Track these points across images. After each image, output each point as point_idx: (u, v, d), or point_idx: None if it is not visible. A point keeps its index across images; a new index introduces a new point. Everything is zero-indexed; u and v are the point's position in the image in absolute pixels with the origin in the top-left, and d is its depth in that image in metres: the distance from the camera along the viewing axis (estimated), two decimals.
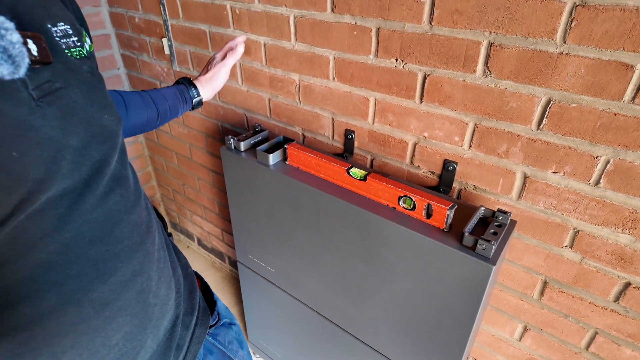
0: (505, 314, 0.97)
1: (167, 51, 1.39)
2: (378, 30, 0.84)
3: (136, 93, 0.79)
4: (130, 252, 0.48)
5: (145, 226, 0.52)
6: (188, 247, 2.11)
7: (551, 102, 0.71)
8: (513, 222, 0.79)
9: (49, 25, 0.41)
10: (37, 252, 0.39)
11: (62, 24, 0.43)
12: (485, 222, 0.78)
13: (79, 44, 0.45)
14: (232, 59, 0.87)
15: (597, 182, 0.72)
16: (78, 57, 0.44)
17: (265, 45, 1.08)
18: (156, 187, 2.05)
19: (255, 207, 1.10)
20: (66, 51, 0.43)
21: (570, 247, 0.80)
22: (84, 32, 0.47)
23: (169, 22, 1.32)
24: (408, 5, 0.78)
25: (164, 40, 1.37)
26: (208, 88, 0.86)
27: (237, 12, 1.09)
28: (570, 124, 0.71)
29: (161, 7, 1.29)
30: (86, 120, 0.43)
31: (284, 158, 1.00)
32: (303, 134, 1.14)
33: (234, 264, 1.85)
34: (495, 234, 0.72)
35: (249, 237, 1.20)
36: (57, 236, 0.40)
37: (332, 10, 0.89)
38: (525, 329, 0.96)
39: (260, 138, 1.09)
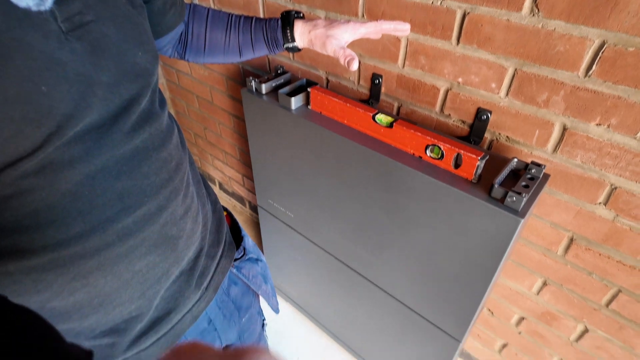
0: (525, 268, 0.96)
1: None
2: None
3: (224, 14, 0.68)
4: (157, 188, 0.48)
5: (175, 163, 0.52)
6: None
7: (605, 46, 0.64)
8: (546, 176, 0.75)
9: None
10: (64, 183, 0.40)
11: None
12: (516, 175, 0.75)
13: None
14: (359, 33, 0.62)
15: None
16: None
17: None
18: None
19: (276, 152, 1.08)
20: None
21: (605, 205, 0.77)
22: None
23: None
24: None
25: None
26: (306, 41, 0.65)
27: None
28: (623, 71, 0.64)
29: None
30: (118, 57, 0.42)
31: (307, 102, 0.97)
32: (327, 78, 1.10)
33: (254, 208, 1.89)
34: (526, 186, 0.68)
35: (269, 182, 1.20)
36: (83, 169, 0.41)
37: None
38: (544, 284, 0.95)
39: (282, 81, 1.05)
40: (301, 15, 0.66)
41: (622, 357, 0.90)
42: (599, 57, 0.65)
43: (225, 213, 0.75)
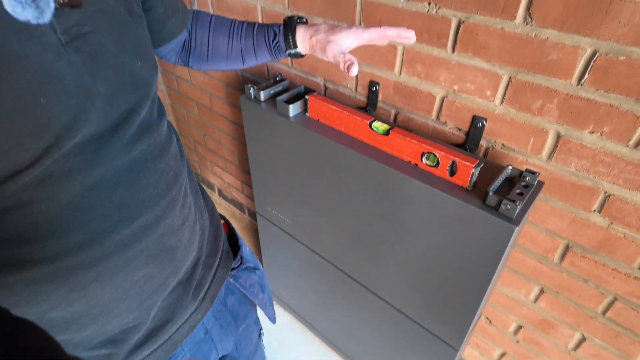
0: (522, 275, 0.96)
1: None
2: None
3: (227, 20, 0.67)
4: (154, 199, 0.48)
5: (173, 174, 0.52)
6: None
7: (597, 55, 0.65)
8: (541, 183, 0.76)
9: None
10: (63, 194, 0.40)
11: None
12: (511, 182, 0.75)
13: None
14: (362, 39, 0.59)
15: (638, 145, 0.67)
16: None
17: None
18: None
19: (275, 159, 1.09)
20: None
21: (599, 212, 0.77)
22: None
23: None
24: None
25: None
26: (307, 47, 0.63)
27: None
28: (615, 80, 0.65)
29: None
30: (116, 68, 0.42)
31: (305, 109, 0.98)
32: (325, 85, 1.11)
33: (253, 215, 1.89)
34: (521, 194, 0.69)
35: (267, 189, 1.20)
36: (82, 180, 0.41)
37: None
38: (541, 292, 0.95)
39: (280, 88, 1.06)
40: (304, 20, 0.64)
41: None
42: (591, 65, 0.66)
43: (222, 222, 0.75)
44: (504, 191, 0.72)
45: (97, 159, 0.41)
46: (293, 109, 0.96)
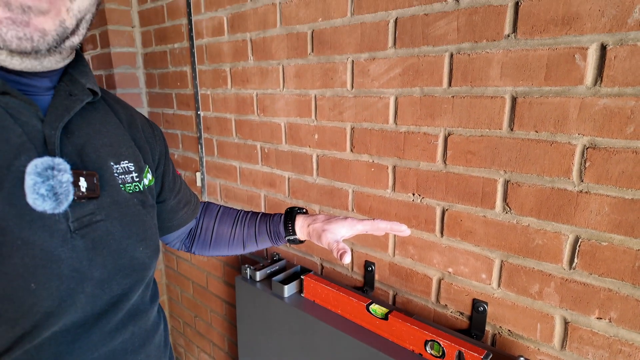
0: None
1: (199, 184, 1.49)
2: (394, 167, 0.89)
3: (232, 210, 0.73)
4: None
5: None
6: None
7: (580, 240, 0.68)
8: None
9: (112, 163, 0.45)
10: None
11: (126, 162, 0.46)
12: None
13: (137, 179, 0.47)
14: (356, 230, 0.62)
15: None
16: (131, 191, 0.46)
17: (289, 179, 1.14)
18: (168, 318, 1.96)
19: (266, 344, 1.00)
20: (121, 186, 0.45)
21: None
22: (146, 169, 0.50)
23: (204, 159, 1.45)
24: (422, 146, 0.83)
25: (198, 174, 1.49)
26: (305, 234, 0.66)
27: (266, 151, 1.19)
28: (605, 264, 0.66)
29: (199, 146, 1.44)
30: (117, 253, 0.43)
31: (300, 290, 0.96)
32: (321, 264, 1.11)
33: None
34: None
35: None
36: None
37: (351, 150, 0.96)
38: None
39: (277, 267, 1.07)
40: (304, 210, 0.69)
41: None
42: (577, 250, 0.68)
43: None
44: None
45: (70, 351, 0.38)
46: (288, 290, 0.94)
